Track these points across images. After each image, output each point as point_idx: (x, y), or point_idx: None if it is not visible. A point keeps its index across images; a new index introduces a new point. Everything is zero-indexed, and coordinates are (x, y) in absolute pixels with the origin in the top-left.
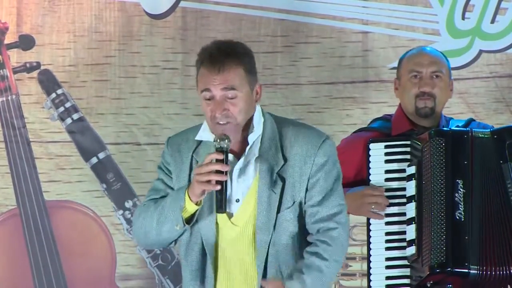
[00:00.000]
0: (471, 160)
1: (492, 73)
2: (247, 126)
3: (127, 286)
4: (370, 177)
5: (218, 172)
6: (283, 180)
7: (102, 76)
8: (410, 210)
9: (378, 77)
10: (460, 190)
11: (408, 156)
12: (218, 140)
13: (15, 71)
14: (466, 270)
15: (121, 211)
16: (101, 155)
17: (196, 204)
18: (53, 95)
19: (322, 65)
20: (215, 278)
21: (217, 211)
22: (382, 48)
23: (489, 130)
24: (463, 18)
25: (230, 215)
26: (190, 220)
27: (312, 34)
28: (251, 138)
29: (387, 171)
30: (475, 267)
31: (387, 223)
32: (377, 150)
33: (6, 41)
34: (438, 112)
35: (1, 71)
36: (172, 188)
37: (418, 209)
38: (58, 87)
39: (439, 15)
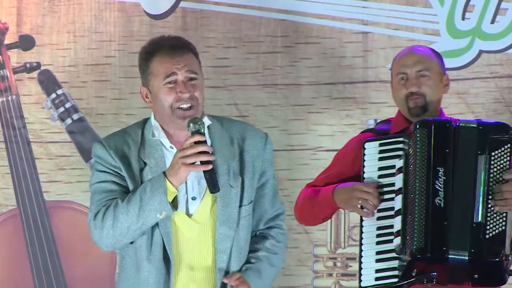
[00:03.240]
0: (452, 148)
1: (492, 73)
2: None
3: None
4: (364, 175)
5: (202, 153)
6: (242, 175)
7: (102, 77)
8: (398, 202)
9: (378, 78)
10: (441, 178)
11: (401, 152)
12: (192, 124)
13: (15, 71)
14: (445, 255)
15: None
16: None
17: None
18: (53, 95)
19: (322, 66)
20: (175, 280)
21: (212, 192)
22: (382, 48)
23: (475, 121)
24: (463, 18)
25: (189, 214)
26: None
27: (312, 35)
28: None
29: (380, 168)
30: (454, 252)
31: (379, 218)
32: (372, 149)
33: (6, 41)
34: (433, 110)
35: (1, 71)
36: (128, 189)
37: (404, 200)
38: (58, 87)
39: (439, 15)
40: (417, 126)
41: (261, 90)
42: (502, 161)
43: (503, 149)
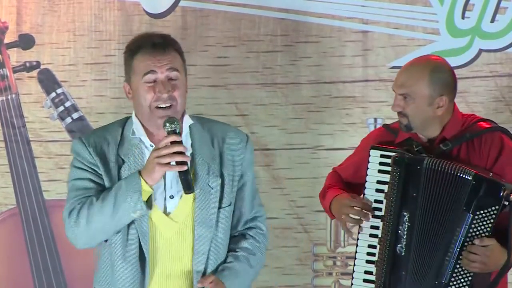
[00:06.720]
0: (421, 193)
1: (492, 72)
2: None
3: None
4: (366, 185)
5: (178, 153)
6: (222, 177)
7: (102, 75)
8: (380, 230)
9: (377, 77)
10: (405, 223)
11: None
12: (168, 124)
13: (15, 70)
14: None
15: None
16: None
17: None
18: (53, 94)
19: (322, 64)
20: (150, 279)
21: (186, 192)
22: (381, 47)
23: (473, 172)
24: (463, 17)
25: (166, 213)
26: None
27: (311, 33)
28: (183, 127)
29: (378, 182)
30: None
31: (372, 227)
32: (375, 158)
33: (6, 40)
34: (420, 127)
35: (1, 70)
36: (104, 187)
37: (382, 230)
38: (58, 86)
39: (438, 14)
40: (392, 162)
41: (261, 89)
42: (484, 223)
43: (488, 210)
